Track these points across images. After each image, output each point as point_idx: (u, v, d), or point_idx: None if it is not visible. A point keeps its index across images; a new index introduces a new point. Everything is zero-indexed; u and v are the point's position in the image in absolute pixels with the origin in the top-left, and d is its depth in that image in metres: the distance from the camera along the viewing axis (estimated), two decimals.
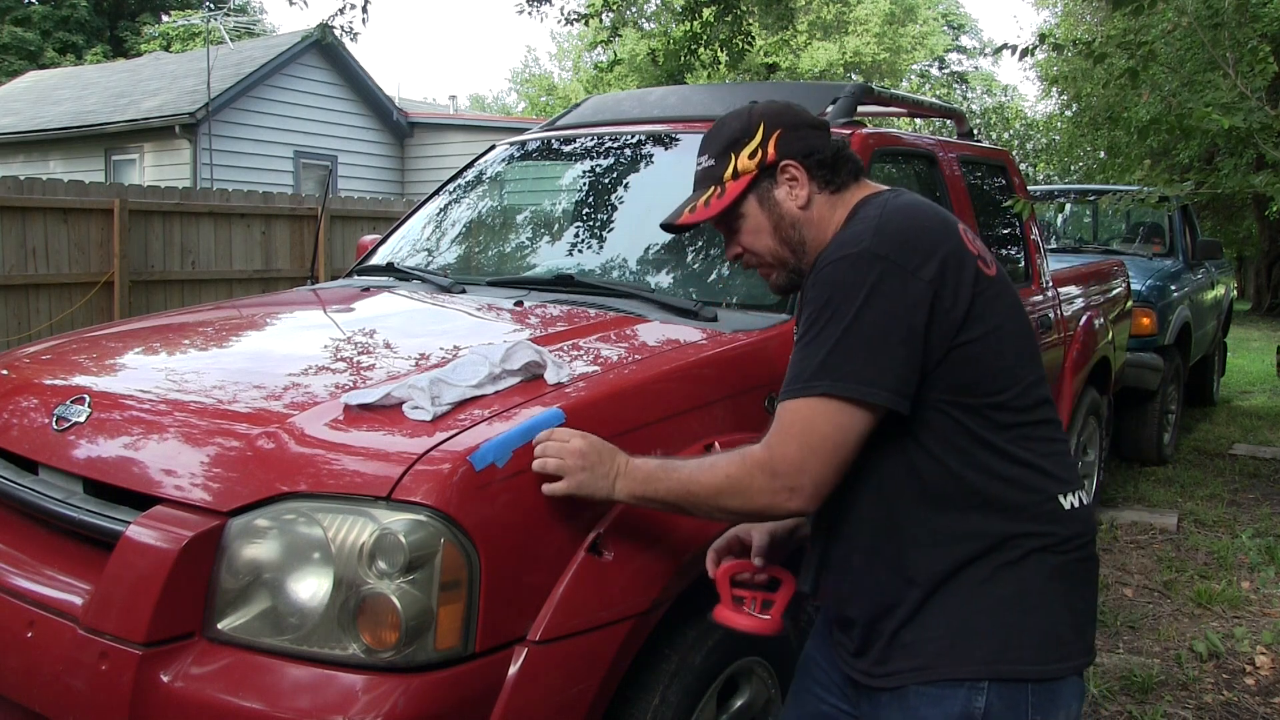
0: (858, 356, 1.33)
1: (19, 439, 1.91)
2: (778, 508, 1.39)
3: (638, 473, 1.51)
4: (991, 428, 1.38)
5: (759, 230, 1.54)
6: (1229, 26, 4.76)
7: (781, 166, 1.52)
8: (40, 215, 7.24)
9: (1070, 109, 18.74)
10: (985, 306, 1.38)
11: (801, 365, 1.37)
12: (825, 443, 1.34)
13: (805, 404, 1.35)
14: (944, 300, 1.35)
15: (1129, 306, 5.37)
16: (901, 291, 1.34)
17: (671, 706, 1.73)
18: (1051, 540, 1.39)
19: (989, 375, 1.38)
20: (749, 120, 1.55)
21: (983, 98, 33.77)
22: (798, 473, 1.35)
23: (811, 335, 1.37)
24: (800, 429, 1.35)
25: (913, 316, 1.34)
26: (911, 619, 1.39)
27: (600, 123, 3.31)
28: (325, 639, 1.47)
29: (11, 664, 1.64)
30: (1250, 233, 18.82)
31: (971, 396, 1.38)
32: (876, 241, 1.37)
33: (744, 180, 1.53)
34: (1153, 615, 3.77)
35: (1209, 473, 6.01)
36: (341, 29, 7.81)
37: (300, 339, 2.50)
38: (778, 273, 1.57)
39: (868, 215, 1.44)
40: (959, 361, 1.36)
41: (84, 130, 14.23)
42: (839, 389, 1.32)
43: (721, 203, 1.53)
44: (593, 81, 24.60)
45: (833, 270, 1.37)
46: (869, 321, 1.33)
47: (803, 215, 1.52)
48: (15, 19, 25.82)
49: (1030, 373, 1.43)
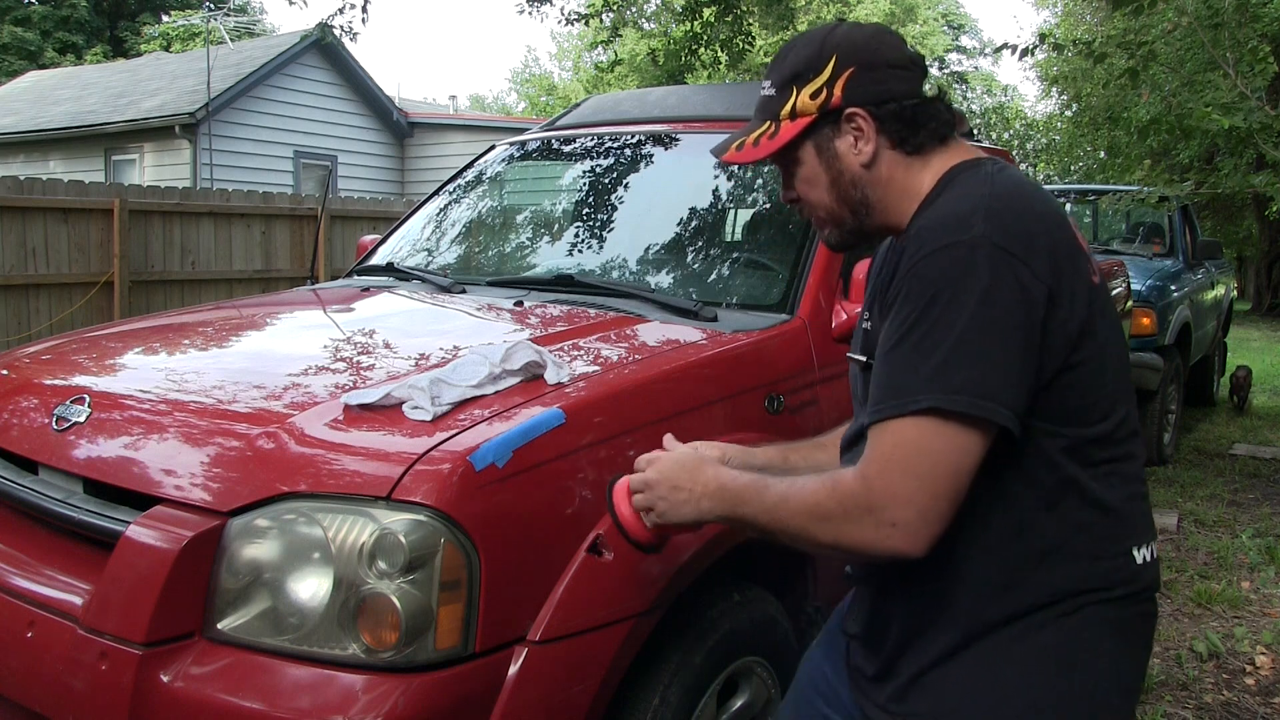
0: (975, 366, 1.10)
1: (19, 439, 1.90)
2: (877, 546, 1.13)
3: (726, 491, 1.29)
4: (1082, 464, 1.19)
5: (814, 181, 1.33)
6: (1229, 26, 4.76)
7: (847, 114, 1.28)
8: (40, 215, 7.24)
9: (1070, 109, 18.76)
10: (1095, 320, 1.19)
11: (902, 376, 1.13)
12: (937, 469, 1.11)
13: (910, 424, 1.12)
14: (1061, 309, 1.14)
15: (1129, 306, 5.37)
16: (1021, 290, 1.12)
17: (671, 706, 1.72)
18: (1114, 596, 1.22)
19: (1094, 402, 1.19)
20: (820, 49, 1.29)
21: (983, 98, 33.79)
22: (903, 506, 1.11)
23: (914, 339, 1.13)
24: (904, 454, 1.12)
25: (1032, 322, 1.12)
26: (943, 660, 1.23)
27: (600, 123, 3.31)
28: (325, 639, 1.47)
29: (11, 664, 1.64)
30: (1250, 233, 18.84)
31: (1073, 426, 1.18)
32: (991, 227, 1.14)
33: (801, 122, 1.30)
34: None
35: (1209, 473, 6.01)
36: (341, 29, 7.81)
37: (300, 339, 2.50)
38: (831, 229, 1.37)
39: (971, 191, 1.21)
40: (1068, 385, 1.17)
41: (84, 130, 14.24)
42: (954, 403, 1.10)
43: (773, 144, 1.32)
44: (593, 81, 24.60)
45: (938, 260, 1.14)
46: (987, 324, 1.11)
47: (867, 175, 1.30)
48: (15, 19, 25.83)
49: (1127, 401, 1.25)
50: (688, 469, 1.35)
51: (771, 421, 2.05)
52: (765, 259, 2.61)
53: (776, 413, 2.07)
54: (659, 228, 2.80)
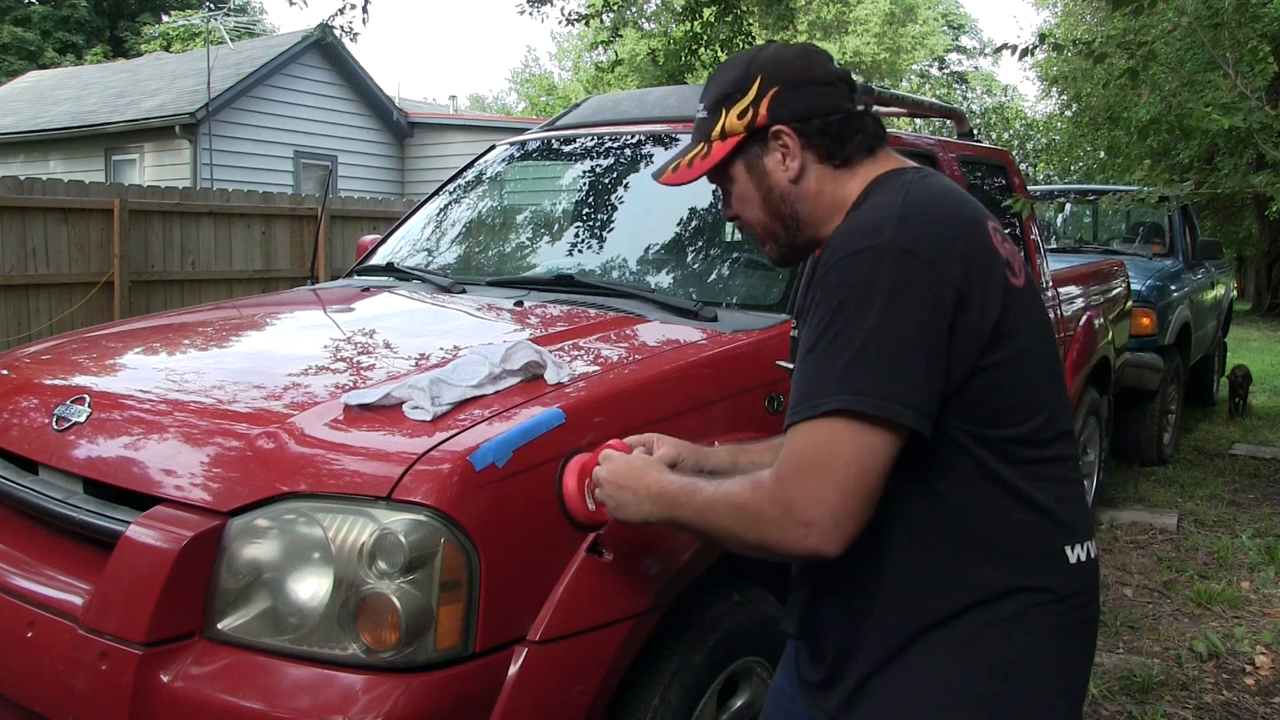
0: (881, 368, 1.13)
1: (19, 439, 1.91)
2: (794, 546, 1.16)
3: (664, 495, 1.33)
4: (1006, 463, 1.21)
5: (748, 199, 1.37)
6: (1229, 26, 4.76)
7: (773, 131, 1.32)
8: (40, 215, 7.24)
9: (1070, 109, 18.76)
10: (1014, 324, 1.20)
11: (813, 380, 1.16)
12: (846, 470, 1.13)
13: (821, 425, 1.14)
14: (970, 310, 1.17)
15: (1129, 306, 5.37)
16: (928, 294, 1.14)
17: (671, 706, 1.72)
18: (1052, 596, 1.23)
19: (1012, 404, 1.21)
20: (746, 70, 1.34)
21: (983, 98, 33.81)
22: (814, 506, 1.13)
23: (825, 343, 1.16)
24: (815, 455, 1.14)
25: (939, 325, 1.15)
26: (884, 666, 1.24)
27: (600, 123, 3.31)
28: (325, 639, 1.47)
29: (11, 664, 1.64)
30: (1250, 233, 18.84)
31: (990, 427, 1.20)
32: (900, 233, 1.17)
33: (731, 142, 1.34)
34: (1153, 615, 3.77)
35: (1209, 473, 6.01)
36: (341, 29, 7.81)
37: (300, 339, 2.50)
38: (770, 245, 1.41)
39: (887, 199, 1.24)
40: (982, 386, 1.19)
41: (84, 130, 14.23)
42: (860, 404, 1.12)
43: (705, 164, 1.36)
44: (593, 81, 24.61)
45: (847, 266, 1.17)
46: (893, 327, 1.13)
47: (795, 189, 1.33)
48: (15, 19, 25.83)
49: (1055, 401, 1.26)
50: (634, 472, 1.38)
51: (772, 421, 2.05)
52: (765, 259, 2.61)
53: (777, 413, 2.07)
54: (659, 228, 2.80)
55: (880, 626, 1.25)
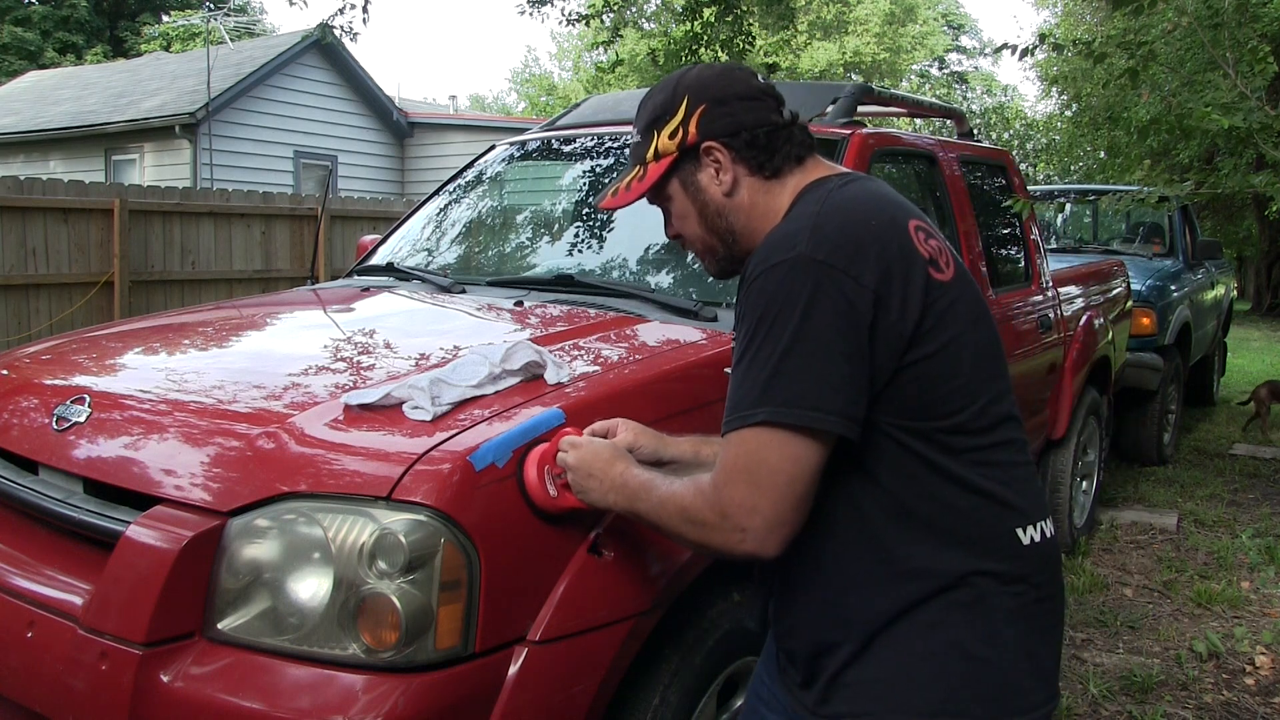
0: (801, 378, 1.17)
1: (19, 439, 1.91)
2: (733, 549, 1.21)
3: (627, 488, 1.38)
4: (945, 452, 1.24)
5: (686, 216, 1.41)
6: (1229, 26, 4.76)
7: (704, 148, 1.36)
8: (40, 215, 7.24)
9: (1070, 109, 18.76)
10: (939, 319, 1.23)
11: (741, 392, 1.21)
12: (774, 478, 1.17)
13: (749, 435, 1.18)
14: (890, 312, 1.20)
15: (1129, 306, 5.37)
16: (844, 301, 1.17)
17: (671, 706, 1.72)
18: (1007, 578, 1.26)
19: (943, 396, 1.23)
20: (672, 93, 1.38)
21: (983, 98, 33.81)
22: (748, 513, 1.18)
23: (749, 356, 1.20)
24: (745, 464, 1.19)
25: (857, 330, 1.18)
26: (854, 660, 1.27)
27: (600, 123, 3.31)
28: (325, 639, 1.47)
29: (11, 664, 1.64)
30: (1250, 233, 18.84)
31: (923, 420, 1.23)
32: (813, 244, 1.20)
33: (665, 162, 1.38)
34: (1153, 615, 3.77)
35: (1209, 473, 6.01)
36: (341, 29, 7.83)
37: (300, 339, 2.50)
38: (709, 260, 1.45)
39: (804, 210, 1.28)
40: (909, 382, 1.22)
41: (84, 130, 14.23)
42: (783, 416, 1.16)
43: (642, 186, 1.40)
44: (593, 81, 24.60)
45: (765, 280, 1.21)
46: (810, 337, 1.17)
47: (729, 203, 1.37)
48: (15, 19, 25.83)
49: (990, 388, 1.28)
50: (603, 460, 1.43)
51: None
52: None
53: None
54: (659, 228, 2.79)
55: (840, 621, 1.28)
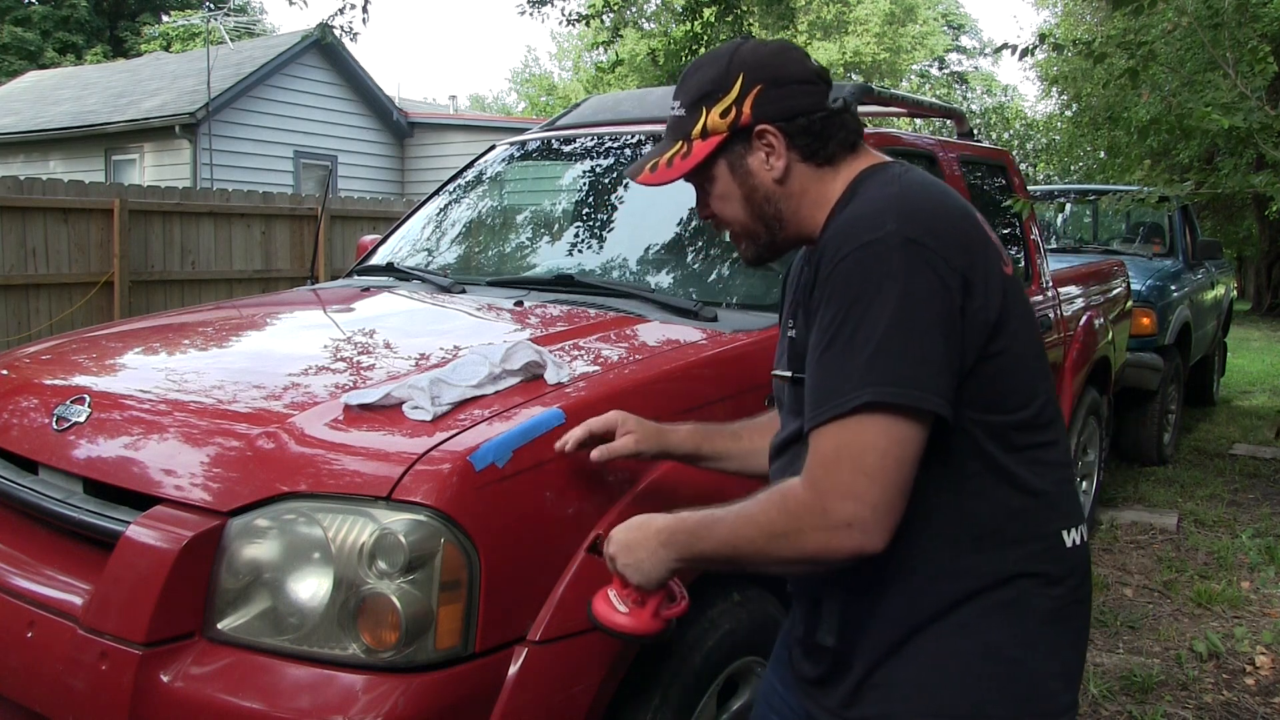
0: (905, 357, 1.12)
1: (19, 439, 1.91)
2: (838, 549, 1.14)
3: (678, 534, 1.29)
4: (1005, 449, 1.22)
5: (728, 198, 1.35)
6: (1229, 26, 4.76)
7: (757, 131, 1.30)
8: (40, 215, 7.24)
9: (1070, 109, 18.76)
10: (1009, 311, 1.21)
11: (834, 379, 1.15)
12: (883, 462, 1.12)
13: (851, 423, 1.13)
14: (975, 298, 1.17)
15: (1129, 306, 5.37)
16: (938, 281, 1.14)
17: (671, 706, 1.72)
18: (1049, 580, 1.24)
19: (1012, 389, 1.22)
20: (726, 69, 1.31)
21: (983, 98, 33.80)
22: (856, 503, 1.12)
23: (842, 341, 1.15)
24: (850, 452, 1.13)
25: (951, 312, 1.15)
26: (887, 659, 1.24)
27: (600, 123, 3.31)
28: (325, 639, 1.47)
29: (11, 664, 1.64)
30: (1250, 233, 18.82)
31: (994, 414, 1.21)
32: (904, 224, 1.16)
33: (713, 141, 1.32)
34: (1153, 615, 3.77)
35: (1209, 473, 6.01)
36: (341, 29, 7.82)
37: (300, 339, 2.50)
38: (747, 244, 1.39)
39: (882, 193, 1.24)
40: (988, 373, 1.19)
41: (84, 130, 14.23)
42: (890, 395, 1.11)
43: (686, 164, 1.34)
44: (593, 81, 24.60)
45: (856, 260, 1.16)
46: (911, 316, 1.12)
47: (780, 189, 1.32)
48: (15, 19, 25.83)
49: (1045, 386, 1.28)
50: (635, 526, 1.35)
51: None
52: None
53: None
54: (659, 228, 2.80)
55: (884, 619, 1.24)
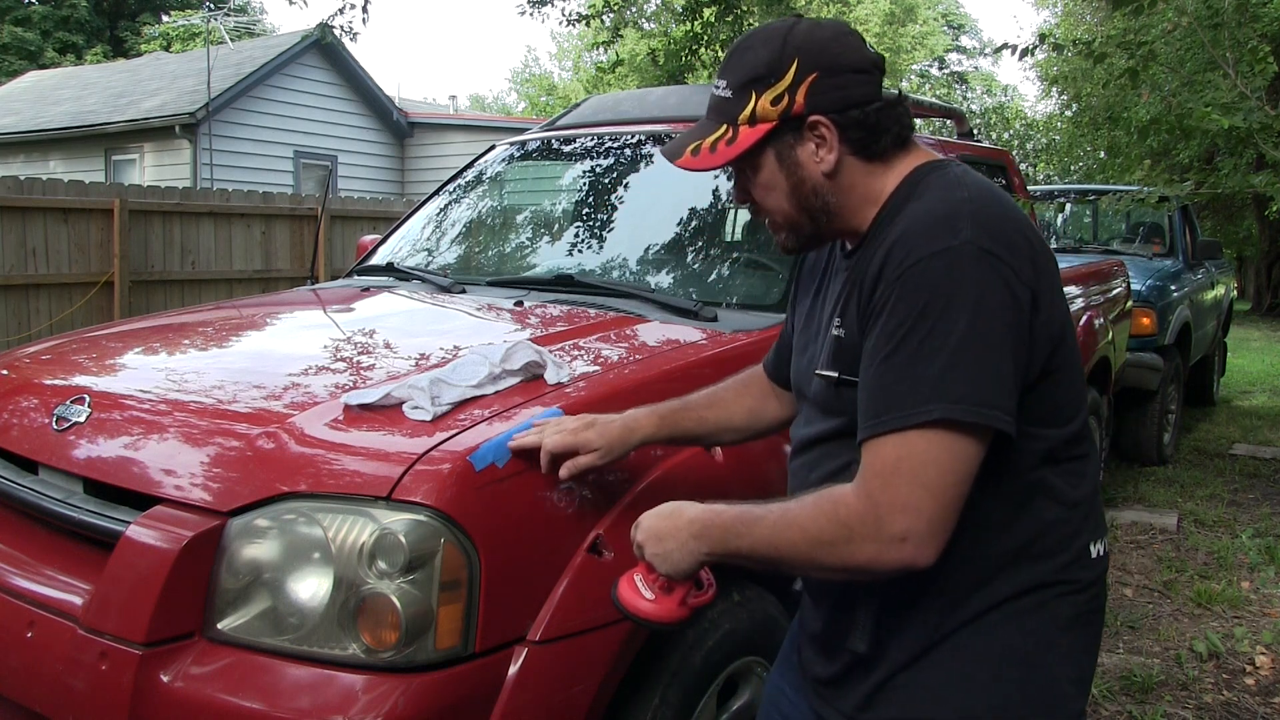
0: (976, 373, 1.09)
1: (19, 439, 1.90)
2: (887, 561, 1.11)
3: (713, 528, 1.24)
4: (1048, 461, 1.21)
5: (773, 187, 1.29)
6: (1229, 26, 4.76)
7: (809, 122, 1.24)
8: (40, 215, 7.24)
9: (1070, 109, 18.76)
10: (1067, 324, 1.19)
11: (901, 388, 1.11)
12: (944, 479, 1.10)
13: (916, 436, 1.10)
14: (1041, 310, 1.14)
15: (1129, 306, 5.37)
16: (1010, 295, 1.11)
17: (671, 707, 1.72)
18: (1074, 588, 1.24)
19: (1065, 402, 1.20)
20: (780, 52, 1.23)
21: (983, 98, 33.81)
22: (913, 517, 1.09)
23: (910, 349, 1.11)
24: (911, 465, 1.10)
25: (1022, 327, 1.12)
26: (912, 664, 1.23)
27: (600, 123, 3.31)
28: (325, 639, 1.47)
29: (11, 664, 1.64)
30: (1250, 233, 18.83)
31: (1049, 427, 1.19)
32: (979, 233, 1.12)
33: (761, 129, 1.25)
34: (1153, 615, 3.77)
35: (1209, 473, 6.01)
36: (341, 29, 7.81)
37: (300, 339, 2.50)
38: (787, 234, 1.33)
39: (952, 195, 1.19)
40: (1048, 388, 1.17)
41: (84, 130, 14.24)
42: (962, 414, 1.08)
43: (732, 151, 1.27)
44: (593, 81, 24.58)
45: (928, 267, 1.12)
46: (984, 331, 1.09)
47: (829, 183, 1.26)
48: (15, 19, 25.84)
49: (1085, 397, 1.26)
50: (666, 514, 1.30)
51: None
52: (765, 259, 2.61)
53: None
54: (659, 228, 2.80)
55: (913, 626, 1.23)
